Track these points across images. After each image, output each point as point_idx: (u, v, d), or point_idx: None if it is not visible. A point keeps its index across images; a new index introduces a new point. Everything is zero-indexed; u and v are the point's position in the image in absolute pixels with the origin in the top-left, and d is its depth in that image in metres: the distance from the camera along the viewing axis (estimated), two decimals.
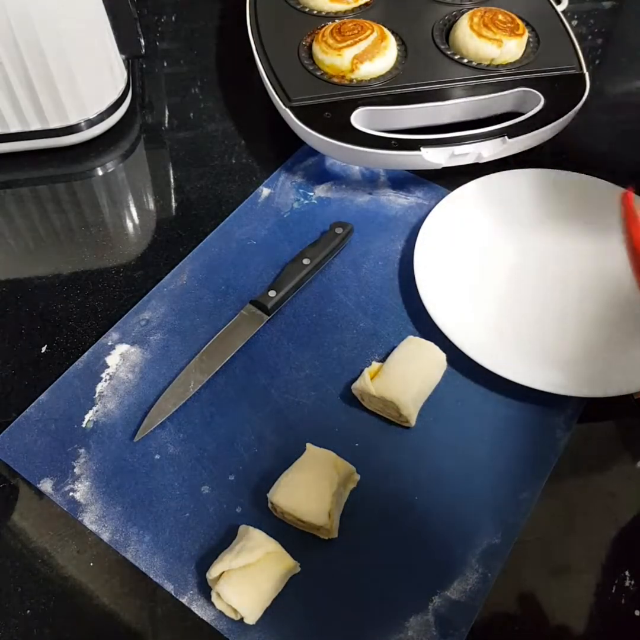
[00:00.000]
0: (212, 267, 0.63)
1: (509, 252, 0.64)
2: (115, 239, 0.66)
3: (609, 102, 0.78)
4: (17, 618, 0.46)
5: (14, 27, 0.59)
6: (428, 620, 0.45)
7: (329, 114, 0.65)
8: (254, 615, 0.44)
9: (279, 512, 0.48)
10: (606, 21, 0.89)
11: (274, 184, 0.69)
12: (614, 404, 0.53)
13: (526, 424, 0.54)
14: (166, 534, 0.49)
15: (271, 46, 0.71)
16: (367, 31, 0.68)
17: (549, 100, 0.67)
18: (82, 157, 0.72)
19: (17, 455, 0.52)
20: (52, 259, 0.65)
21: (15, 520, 0.50)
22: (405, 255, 0.63)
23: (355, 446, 0.52)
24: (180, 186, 0.70)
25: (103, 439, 0.53)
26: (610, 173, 0.66)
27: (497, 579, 0.47)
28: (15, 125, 0.68)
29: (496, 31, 0.69)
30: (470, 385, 0.55)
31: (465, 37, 0.69)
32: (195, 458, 0.52)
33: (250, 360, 0.57)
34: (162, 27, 0.87)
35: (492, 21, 0.69)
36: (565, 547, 0.49)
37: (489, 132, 0.65)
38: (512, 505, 0.50)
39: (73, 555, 0.48)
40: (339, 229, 0.63)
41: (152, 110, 0.78)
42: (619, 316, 0.59)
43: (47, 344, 0.58)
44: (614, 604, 0.47)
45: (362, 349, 0.58)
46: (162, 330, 0.59)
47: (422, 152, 0.63)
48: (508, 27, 0.69)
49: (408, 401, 0.51)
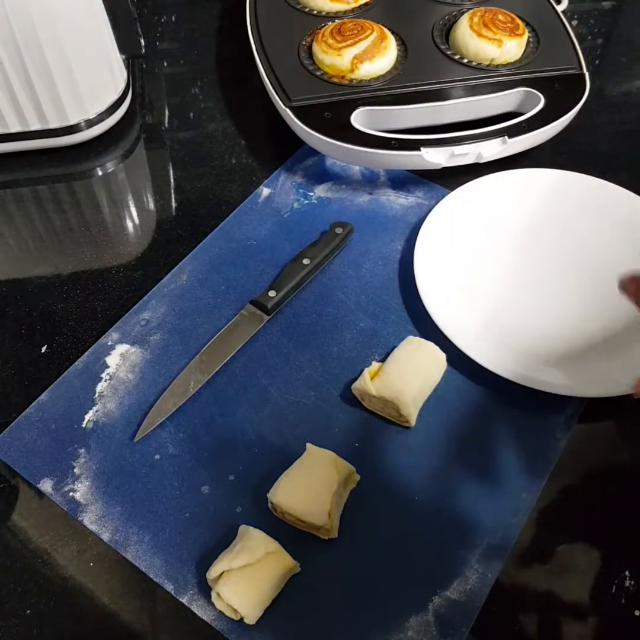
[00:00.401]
0: (212, 267, 0.63)
1: (509, 252, 0.64)
2: (115, 239, 0.66)
3: (609, 102, 0.78)
4: (17, 618, 0.46)
5: (13, 27, 0.59)
6: (428, 620, 0.45)
7: (329, 114, 0.65)
8: (254, 615, 0.44)
9: (279, 512, 0.48)
10: (606, 21, 0.89)
11: (274, 184, 0.69)
12: (614, 404, 0.53)
13: (526, 424, 0.54)
14: (166, 534, 0.49)
15: (271, 46, 0.71)
16: (367, 31, 0.68)
17: (549, 100, 0.67)
18: (82, 157, 0.72)
19: (17, 455, 0.52)
20: (52, 259, 0.65)
21: (15, 520, 0.50)
22: (405, 255, 0.63)
23: (355, 446, 0.52)
24: (180, 186, 0.70)
25: (103, 439, 0.53)
26: (610, 173, 0.66)
27: (497, 579, 0.47)
28: (15, 125, 0.68)
29: (496, 31, 0.69)
30: (470, 385, 0.55)
31: (465, 37, 0.69)
32: (195, 458, 0.52)
33: (250, 360, 0.57)
34: (162, 27, 0.87)
35: (492, 21, 0.69)
36: (565, 547, 0.49)
37: (489, 132, 0.65)
38: (512, 506, 0.50)
39: (73, 555, 0.48)
40: (339, 229, 0.63)
41: (152, 110, 0.78)
42: (619, 316, 0.59)
43: (47, 344, 0.58)
44: (614, 604, 0.47)
45: (362, 349, 0.58)
46: (162, 330, 0.59)
47: (422, 152, 0.63)
48: (508, 27, 0.69)
49: (408, 401, 0.51)
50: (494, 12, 0.70)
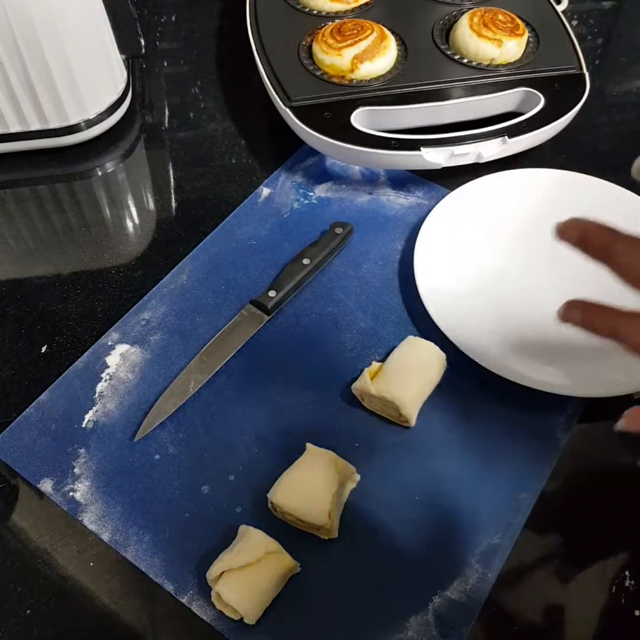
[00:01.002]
0: (212, 267, 0.63)
1: (509, 252, 0.64)
2: (115, 239, 0.66)
3: (609, 102, 0.78)
4: (17, 618, 0.46)
5: (14, 27, 0.59)
6: (428, 620, 0.45)
7: (329, 114, 0.65)
8: (254, 615, 0.44)
9: (279, 512, 0.48)
10: (606, 21, 0.89)
11: (274, 184, 0.69)
12: (614, 404, 0.53)
13: (526, 424, 0.54)
14: (166, 534, 0.49)
15: (271, 46, 0.71)
16: (367, 31, 0.68)
17: (549, 100, 0.67)
18: (82, 157, 0.72)
19: (17, 455, 0.52)
20: (52, 259, 0.65)
21: (15, 520, 0.50)
22: (405, 255, 0.63)
23: (355, 446, 0.52)
24: (180, 186, 0.70)
25: (103, 439, 0.53)
26: (610, 173, 0.66)
27: (497, 579, 0.47)
28: (15, 125, 0.68)
29: (496, 31, 0.69)
30: (470, 385, 0.55)
31: (465, 37, 0.69)
32: (195, 458, 0.52)
33: (250, 360, 0.57)
34: (162, 27, 0.87)
35: (492, 21, 0.69)
36: (566, 547, 0.49)
37: (489, 132, 0.65)
38: (512, 505, 0.50)
39: (73, 555, 0.48)
40: (339, 229, 0.63)
41: (152, 110, 0.78)
42: None
43: (47, 344, 0.58)
44: (614, 604, 0.47)
45: (362, 349, 0.58)
46: (162, 330, 0.59)
47: (422, 152, 0.63)
48: (508, 27, 0.69)
49: (408, 401, 0.51)
50: (494, 12, 0.70)
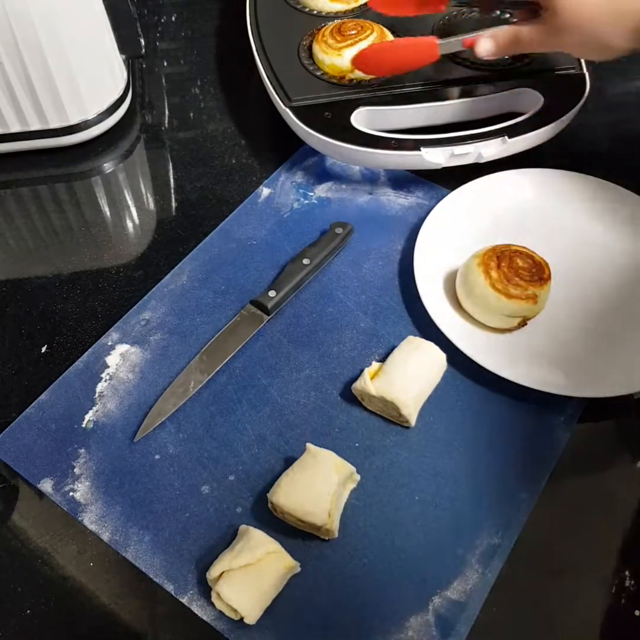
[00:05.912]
0: (212, 267, 0.63)
1: None
2: (115, 239, 0.66)
3: (609, 102, 0.78)
4: (17, 618, 0.46)
5: (14, 27, 0.59)
6: (428, 620, 0.45)
7: (329, 114, 0.65)
8: (254, 615, 0.44)
9: (279, 512, 0.48)
10: None
11: (274, 184, 0.69)
12: (614, 404, 0.53)
13: (526, 424, 0.54)
14: (166, 534, 0.49)
15: (271, 46, 0.71)
16: (367, 31, 0.68)
17: (549, 100, 0.67)
18: (82, 157, 0.72)
19: (17, 455, 0.52)
20: (52, 259, 0.65)
21: (15, 520, 0.50)
22: (405, 255, 0.63)
23: (355, 446, 0.52)
24: (180, 186, 0.70)
25: (103, 439, 0.53)
26: (610, 173, 0.66)
27: (497, 579, 0.47)
28: (15, 125, 0.68)
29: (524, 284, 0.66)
30: (470, 385, 0.55)
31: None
32: (195, 458, 0.52)
33: (250, 360, 0.57)
34: (162, 27, 0.87)
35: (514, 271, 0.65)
36: (566, 547, 0.49)
37: (489, 132, 0.65)
38: (512, 505, 0.50)
39: (73, 555, 0.48)
40: (339, 229, 0.63)
41: (152, 110, 0.78)
42: (619, 316, 0.59)
43: (47, 344, 0.58)
44: (614, 604, 0.47)
45: (362, 349, 0.58)
46: (162, 330, 0.59)
47: (422, 152, 0.63)
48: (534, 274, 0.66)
49: (408, 401, 0.51)
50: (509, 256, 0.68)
